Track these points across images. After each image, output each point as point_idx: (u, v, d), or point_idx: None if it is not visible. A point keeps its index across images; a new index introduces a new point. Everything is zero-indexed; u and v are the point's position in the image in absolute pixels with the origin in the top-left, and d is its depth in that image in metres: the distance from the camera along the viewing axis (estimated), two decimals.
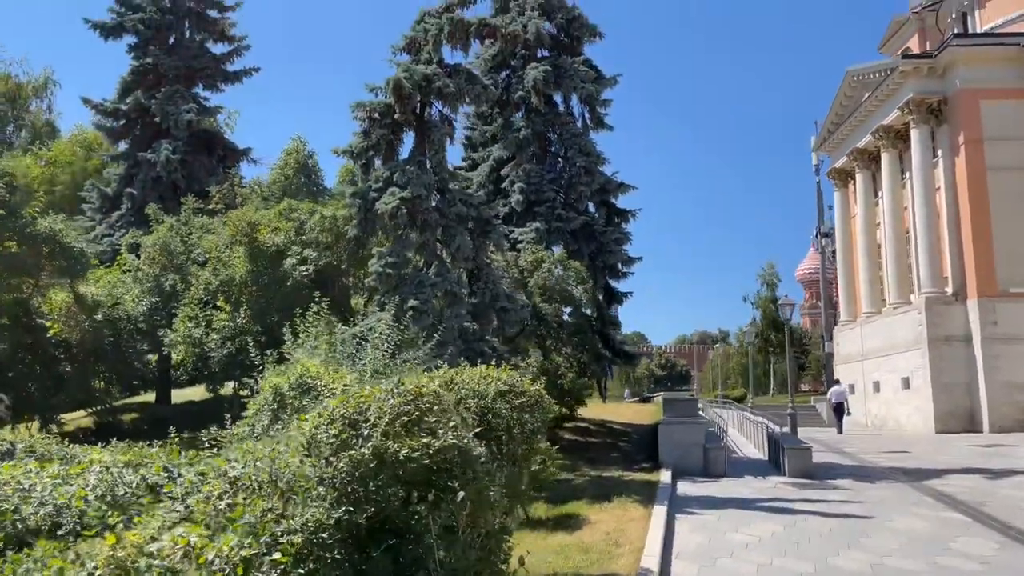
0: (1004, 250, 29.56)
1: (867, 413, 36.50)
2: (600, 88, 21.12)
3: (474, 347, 15.18)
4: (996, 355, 29.04)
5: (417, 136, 16.14)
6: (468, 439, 5.05)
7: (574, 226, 19.38)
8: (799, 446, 16.38)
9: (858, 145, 37.78)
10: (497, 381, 8.12)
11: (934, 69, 31.65)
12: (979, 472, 16.40)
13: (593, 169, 20.02)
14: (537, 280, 17.19)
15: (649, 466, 17.15)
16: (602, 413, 24.59)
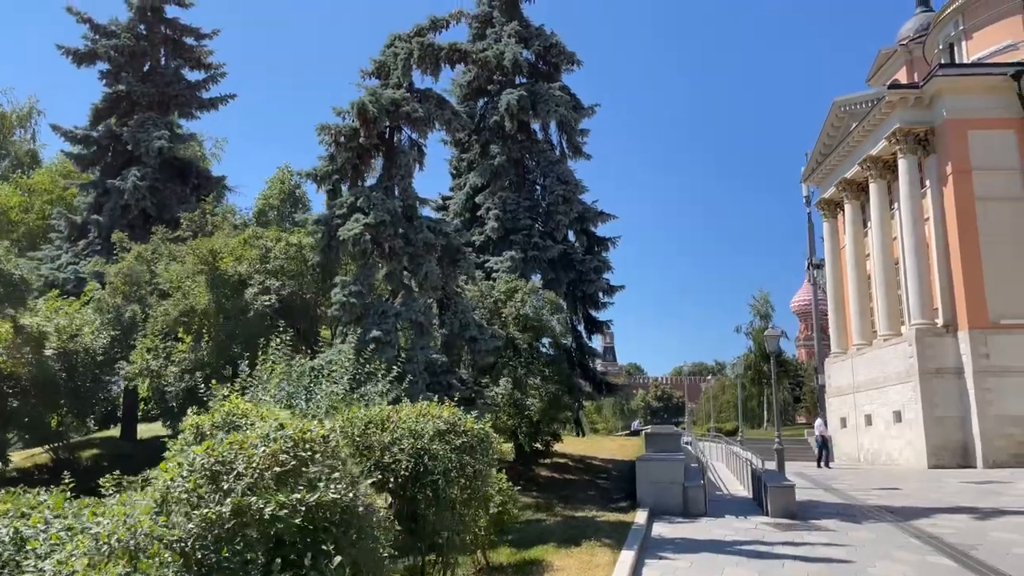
0: (994, 281, 29.11)
1: (859, 447, 35.75)
2: (578, 116, 20.78)
3: (441, 380, 14.56)
4: (989, 388, 28.42)
5: (386, 161, 15.68)
6: (357, 492, 4.41)
7: (551, 255, 18.86)
8: (782, 484, 15.69)
9: (846, 175, 37.55)
10: (436, 420, 7.51)
11: (921, 99, 31.50)
12: (969, 511, 15.71)
13: (571, 197, 19.57)
14: (511, 310, 16.62)
15: (627, 505, 16.44)
16: (584, 448, 23.88)
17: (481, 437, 7.80)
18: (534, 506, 16.08)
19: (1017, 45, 33.21)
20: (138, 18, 26.50)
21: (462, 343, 15.01)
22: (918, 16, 49.10)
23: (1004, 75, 29.99)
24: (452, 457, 7.21)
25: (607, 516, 15.01)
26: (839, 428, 38.59)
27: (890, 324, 33.14)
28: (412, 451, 7.12)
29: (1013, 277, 29.16)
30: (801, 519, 15.17)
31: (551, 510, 15.72)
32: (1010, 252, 29.34)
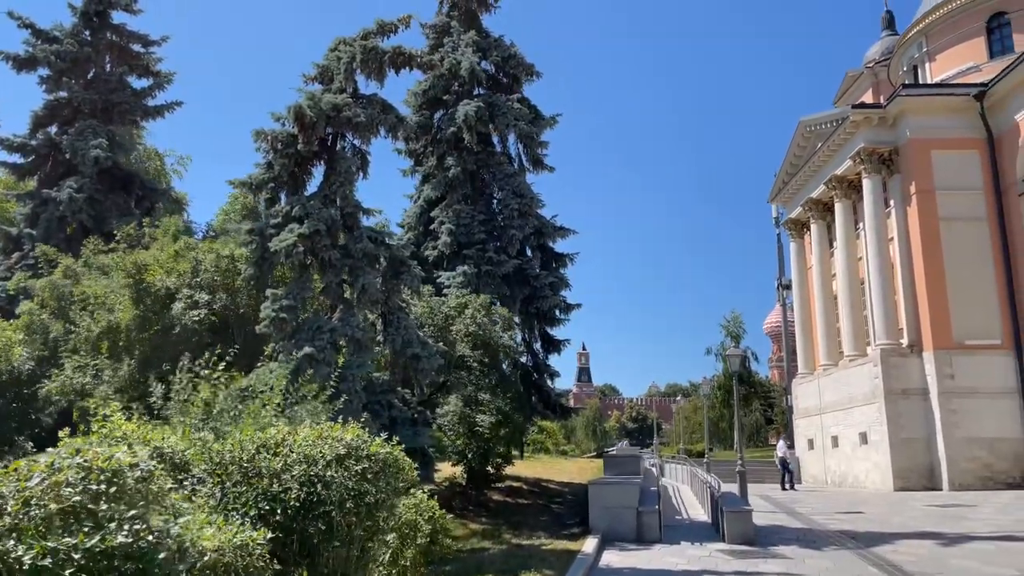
0: (959, 301, 28.94)
1: (826, 469, 35.30)
2: (538, 128, 20.24)
3: (381, 400, 13.76)
4: (954, 409, 28.13)
5: (327, 169, 14.97)
6: (158, 534, 3.62)
7: (506, 270, 18.18)
8: (739, 509, 15.02)
9: (812, 195, 37.45)
10: (336, 443, 6.72)
11: (885, 119, 31.47)
12: (933, 537, 15.14)
13: (527, 211, 18.95)
14: (460, 327, 15.90)
15: (579, 531, 15.69)
16: (542, 471, 23.10)
17: (388, 463, 7.01)
18: (480, 533, 15.26)
19: (979, 67, 33.41)
20: (83, 24, 25.62)
21: (404, 360, 14.25)
22: (884, 40, 49.60)
23: (967, 95, 30.06)
24: (350, 485, 6.42)
25: (555, 544, 14.23)
26: (806, 450, 38.18)
27: (856, 345, 32.86)
28: (304, 478, 6.33)
29: (977, 297, 29.03)
30: (759, 545, 14.50)
31: (498, 537, 14.91)
32: (974, 272, 29.22)
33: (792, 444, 40.58)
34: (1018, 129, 28.63)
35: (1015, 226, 28.96)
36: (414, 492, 10.54)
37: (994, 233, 29.40)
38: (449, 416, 15.38)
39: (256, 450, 6.63)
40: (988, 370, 28.33)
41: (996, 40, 33.82)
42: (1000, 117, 29.46)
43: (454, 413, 15.38)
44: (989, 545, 13.99)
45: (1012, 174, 28.99)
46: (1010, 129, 29.01)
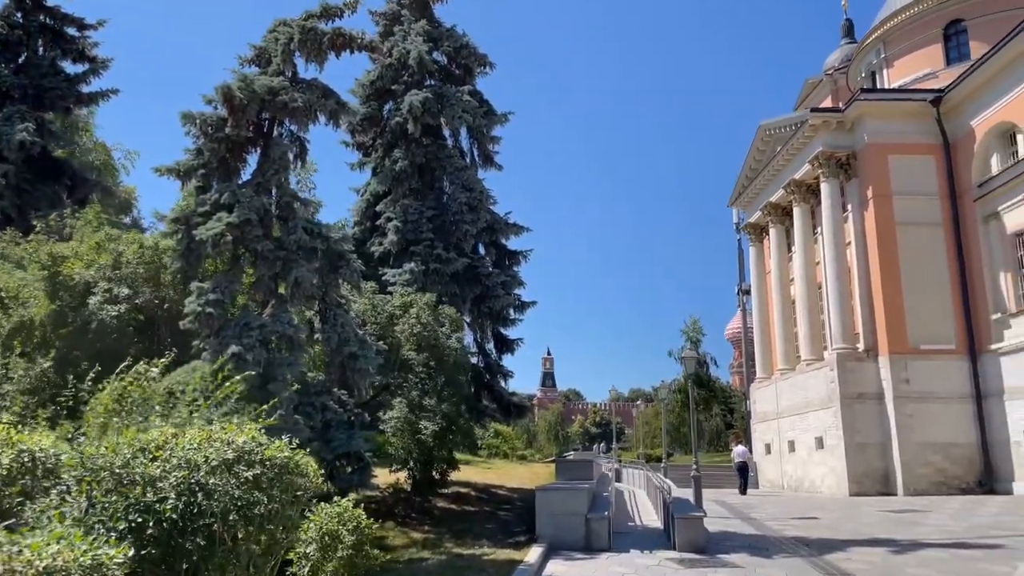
0: (914, 306, 28.97)
1: (783, 474, 35.18)
2: (490, 122, 19.59)
3: (314, 402, 12.95)
4: (909, 414, 28.11)
5: (261, 156, 14.13)
6: None
7: (455, 268, 17.48)
8: (689, 515, 14.49)
9: (771, 199, 37.40)
10: (224, 446, 5.95)
11: (843, 123, 31.48)
12: (886, 544, 14.78)
13: (478, 206, 18.27)
14: (404, 326, 15.16)
15: (525, 539, 15.03)
16: (493, 476, 22.40)
17: (288, 468, 6.26)
18: (421, 542, 14.52)
19: (936, 73, 33.65)
20: (14, 5, 24.34)
21: (340, 360, 13.47)
22: (843, 47, 49.98)
23: (924, 100, 30.18)
24: (236, 494, 5.66)
25: (498, 553, 13.56)
26: (763, 454, 38.07)
27: (813, 349, 32.80)
28: (183, 486, 5.56)
29: (932, 302, 29.09)
30: (709, 553, 13.98)
31: (439, 546, 14.18)
32: (929, 277, 29.29)
33: (750, 449, 40.49)
34: (973, 135, 28.80)
35: (970, 231, 29.10)
36: (338, 500, 9.79)
37: (949, 238, 29.52)
38: (393, 422, 14.62)
39: (132, 454, 5.84)
40: (943, 375, 28.38)
41: (953, 47, 34.11)
42: (956, 123, 29.62)
43: (399, 419, 14.62)
44: (943, 553, 13.66)
45: (967, 179, 29.15)
46: (965, 135, 29.17)
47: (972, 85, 28.36)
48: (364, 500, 17.29)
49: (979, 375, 28.17)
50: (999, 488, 26.84)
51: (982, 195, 28.53)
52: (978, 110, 28.41)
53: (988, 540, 14.88)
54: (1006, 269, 27.66)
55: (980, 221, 28.70)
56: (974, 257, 28.79)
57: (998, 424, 27.15)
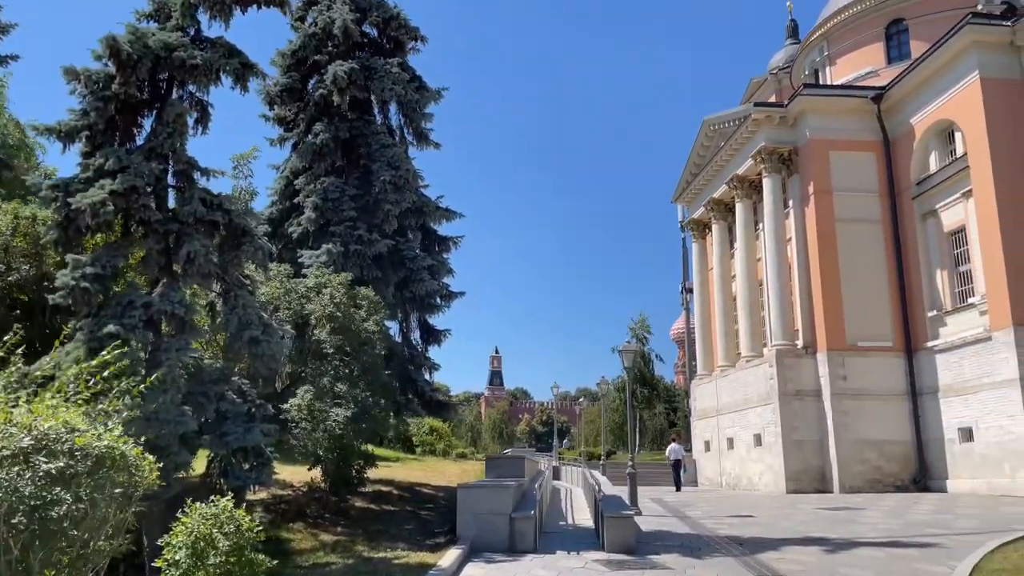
0: (852, 303, 28.88)
1: (721, 471, 34.91)
2: (422, 98, 18.48)
3: (207, 391, 11.68)
4: (846, 411, 27.98)
5: (156, 119, 12.80)
6: None
7: (378, 250, 16.31)
8: (619, 514, 13.68)
9: (714, 195, 37.15)
10: (19, 433, 4.77)
11: (786, 119, 31.27)
12: (821, 543, 14.21)
13: (404, 186, 17.14)
14: (317, 308, 13.98)
15: (446, 541, 14.04)
16: (421, 474, 21.34)
17: (110, 460, 5.11)
18: (331, 545, 13.38)
19: (878, 71, 33.77)
20: None
21: (240, 345, 12.24)
22: (787, 48, 50.33)
23: (865, 97, 30.13)
24: (28, 491, 4.50)
25: (412, 557, 12.51)
26: (703, 451, 37.82)
27: (753, 346, 32.56)
28: None
29: (870, 299, 29.04)
30: (639, 554, 13.19)
31: (350, 550, 13.07)
32: (868, 274, 29.25)
33: (690, 447, 40.32)
34: (913, 133, 28.83)
35: (908, 229, 29.14)
36: (215, 499, 8.61)
37: (888, 236, 29.53)
38: (296, 411, 13.42)
39: None
40: (879, 372, 28.35)
41: (894, 46, 34.31)
42: (896, 120, 29.64)
43: (302, 407, 13.43)
44: (878, 552, 13.12)
45: (906, 178, 29.18)
46: (905, 132, 29.20)
47: (912, 83, 28.37)
48: (274, 500, 16.10)
49: (915, 373, 28.22)
50: (933, 486, 26.88)
51: (920, 193, 28.58)
52: (918, 108, 28.45)
53: (924, 539, 14.44)
54: (942, 267, 27.73)
55: (918, 219, 28.76)
56: (912, 255, 28.84)
57: (933, 422, 27.20)
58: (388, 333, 17.09)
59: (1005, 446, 23.60)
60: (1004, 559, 11.79)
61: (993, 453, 24.18)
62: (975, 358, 25.26)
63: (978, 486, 24.65)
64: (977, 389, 25.03)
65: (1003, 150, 24.63)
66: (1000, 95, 25.01)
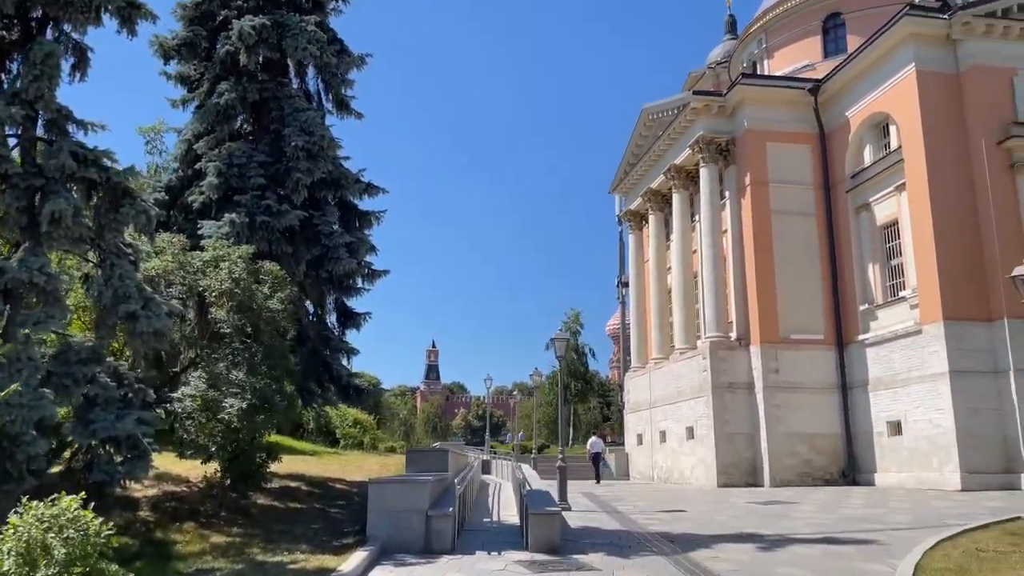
0: (786, 295, 28.65)
1: (653, 465, 34.44)
2: (343, 63, 17.03)
3: (75, 372, 10.13)
4: (777, 404, 27.72)
5: (22, 61, 11.13)
6: None
7: (289, 222, 14.83)
8: (545, 511, 12.64)
9: (651, 186, 36.61)
10: None
11: (724, 108, 30.86)
12: (755, 540, 13.49)
13: (318, 153, 15.68)
14: (213, 283, 12.49)
15: (354, 541, 12.73)
16: (337, 468, 19.92)
17: None
18: (223, 548, 11.94)
19: (814, 65, 33.73)
20: None
21: (115, 322, 10.71)
22: (726, 43, 50.39)
23: (803, 89, 29.93)
24: None
25: (312, 560, 11.20)
26: (635, 445, 37.34)
27: (687, 338, 32.12)
28: None
29: (803, 292, 28.87)
30: (564, 554, 12.17)
31: (243, 553, 11.67)
32: (801, 267, 29.06)
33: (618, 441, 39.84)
34: (849, 125, 28.73)
35: (842, 222, 29.07)
36: (58, 497, 7.18)
37: (822, 228, 29.41)
38: (188, 400, 11.93)
39: None
40: (811, 365, 28.20)
41: (831, 40, 34.36)
42: (833, 113, 29.53)
43: (196, 395, 11.95)
44: (814, 549, 12.45)
45: (841, 171, 29.09)
46: (841, 125, 29.10)
47: (849, 75, 28.25)
48: (164, 497, 14.50)
49: (845, 366, 28.17)
50: (861, 479, 26.84)
51: (855, 186, 28.51)
52: (854, 100, 28.34)
53: (859, 534, 13.88)
54: (875, 261, 27.71)
55: (852, 212, 28.70)
56: (845, 248, 28.77)
57: (862, 415, 27.16)
58: (298, 313, 15.65)
59: (933, 440, 23.59)
60: (945, 557, 11.23)
61: (921, 447, 24.17)
62: (905, 352, 25.24)
63: (906, 480, 24.64)
64: (907, 383, 25.00)
65: (937, 143, 24.61)
66: (935, 88, 25.00)
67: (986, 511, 16.73)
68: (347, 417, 31.38)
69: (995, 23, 24.55)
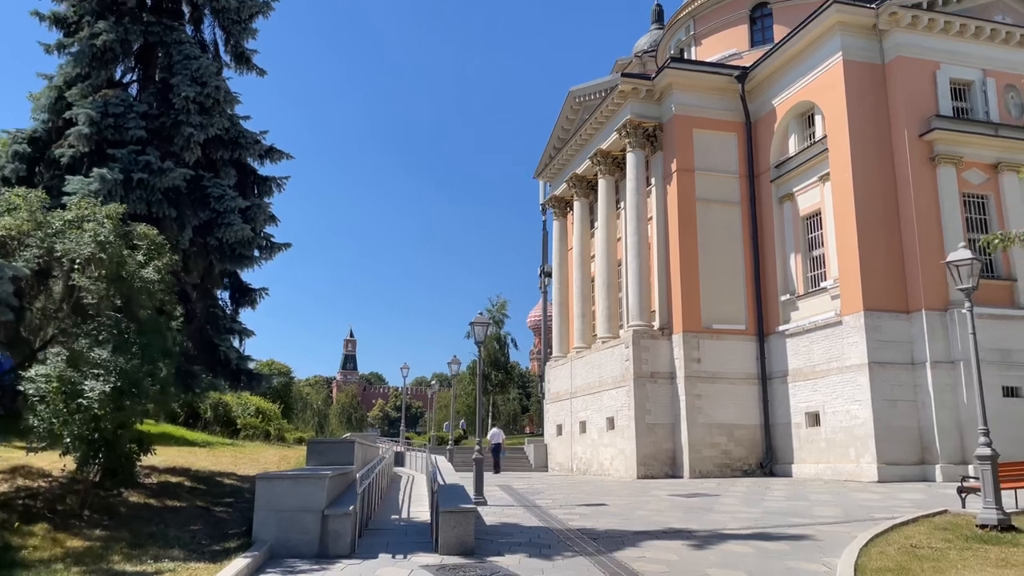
0: (709, 284, 28.24)
1: (572, 456, 33.68)
2: (244, 8, 15.14)
3: None
4: (699, 394, 27.29)
5: None
6: None
7: (172, 181, 12.91)
8: (457, 508, 11.35)
9: (577, 171, 35.76)
10: None
11: (652, 92, 30.18)
12: (683, 537, 12.59)
13: (212, 107, 13.84)
14: (73, 246, 10.63)
15: (238, 545, 11.12)
16: (230, 461, 18.12)
17: None
18: (78, 554, 10.15)
19: (741, 54, 33.47)
20: None
21: None
22: (652, 32, 50.11)
23: (731, 76, 29.53)
24: None
25: (182, 570, 9.58)
26: (555, 435, 36.54)
27: (610, 327, 31.41)
28: None
29: (727, 282, 28.54)
30: (478, 556, 10.94)
31: (102, 559, 9.93)
32: (725, 256, 28.73)
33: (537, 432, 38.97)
34: (775, 114, 28.49)
35: (765, 213, 28.85)
36: None
37: (746, 218, 29.14)
38: (41, 380, 10.06)
39: None
40: (733, 355, 27.90)
41: (758, 30, 34.18)
42: (759, 101, 29.25)
43: (49, 376, 10.09)
44: (745, 547, 11.61)
45: (766, 160, 28.85)
46: (767, 114, 28.84)
47: (777, 63, 27.97)
48: (17, 493, 12.52)
49: (766, 357, 27.99)
50: (778, 470, 26.70)
51: (779, 176, 28.31)
52: (781, 89, 28.10)
53: (789, 529, 13.18)
54: (797, 251, 27.58)
55: (775, 202, 28.52)
56: (768, 238, 28.57)
57: (781, 406, 27.01)
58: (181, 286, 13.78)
59: (851, 431, 23.51)
60: (882, 555, 10.56)
61: (839, 438, 24.09)
62: (825, 342, 25.13)
63: (823, 471, 24.54)
64: (826, 373, 24.90)
65: (862, 133, 24.51)
66: (862, 78, 24.89)
67: (909, 504, 16.46)
68: (249, 405, 29.24)
69: (920, 15, 24.60)
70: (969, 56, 25.36)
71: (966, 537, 11.81)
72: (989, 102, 25.26)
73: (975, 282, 13.01)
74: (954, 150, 24.25)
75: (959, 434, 22.35)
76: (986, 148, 24.72)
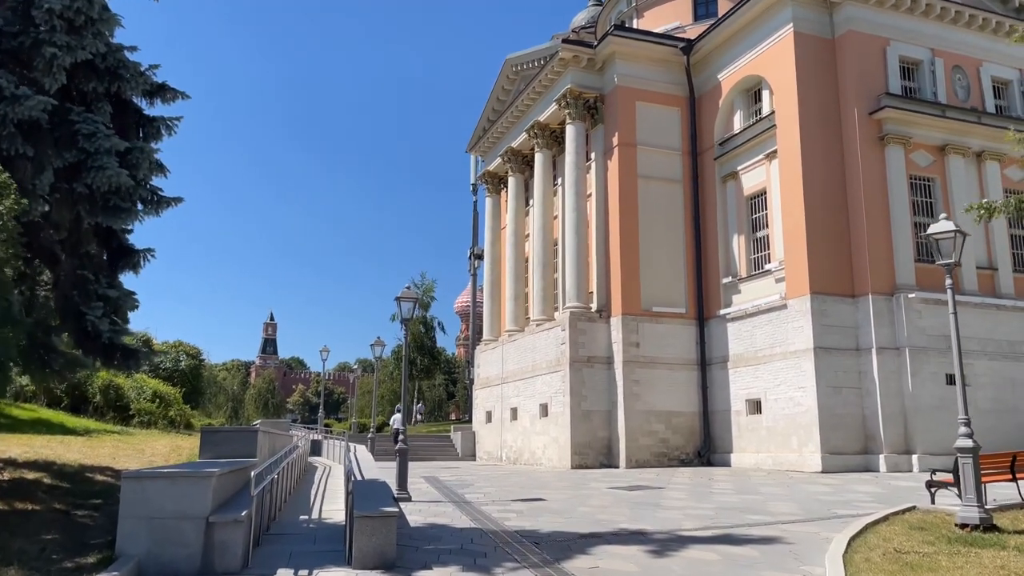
0: (650, 266, 26.92)
1: (503, 444, 32.02)
2: None
3: None
4: (637, 380, 25.98)
5: None
6: None
7: (30, 112, 10.35)
8: (375, 513, 9.39)
9: (512, 145, 33.93)
10: None
11: (594, 61, 28.60)
12: (637, 540, 10.99)
13: (83, 25, 11.34)
14: None
15: (97, 560, 8.87)
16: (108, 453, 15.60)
17: None
18: None
19: (684, 28, 32.21)
20: None
21: None
22: (590, 8, 48.48)
23: (675, 47, 28.19)
24: None
25: None
26: (483, 423, 34.80)
27: (545, 309, 29.80)
28: None
29: (668, 263, 27.30)
30: (401, 570, 9.05)
31: None
32: (666, 236, 27.47)
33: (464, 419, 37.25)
34: (720, 89, 27.32)
35: (707, 192, 27.72)
36: None
37: (688, 197, 27.94)
38: None
39: None
40: (672, 340, 26.70)
41: (701, 3, 32.96)
42: (704, 75, 28.04)
43: None
44: (710, 552, 10.08)
45: (710, 137, 27.69)
46: (712, 89, 27.65)
47: (723, 35, 26.79)
48: None
49: (705, 341, 26.91)
50: (716, 460, 25.70)
51: (723, 153, 27.19)
52: (728, 62, 26.95)
53: (753, 530, 11.75)
54: (740, 232, 26.53)
55: (718, 181, 27.41)
56: (710, 218, 27.45)
57: (721, 393, 25.98)
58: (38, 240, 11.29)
59: (794, 419, 22.58)
60: (868, 563, 9.19)
61: (781, 426, 23.15)
62: (769, 327, 24.14)
63: (763, 460, 23.60)
64: (769, 359, 23.91)
65: (811, 109, 23.51)
66: (812, 52, 23.89)
67: (867, 497, 15.40)
68: (145, 389, 26.33)
69: None
70: (919, 34, 24.68)
71: (949, 539, 10.61)
72: (937, 83, 24.67)
73: (958, 257, 11.81)
74: (903, 130, 23.52)
75: (903, 422, 21.68)
76: (934, 129, 24.11)
